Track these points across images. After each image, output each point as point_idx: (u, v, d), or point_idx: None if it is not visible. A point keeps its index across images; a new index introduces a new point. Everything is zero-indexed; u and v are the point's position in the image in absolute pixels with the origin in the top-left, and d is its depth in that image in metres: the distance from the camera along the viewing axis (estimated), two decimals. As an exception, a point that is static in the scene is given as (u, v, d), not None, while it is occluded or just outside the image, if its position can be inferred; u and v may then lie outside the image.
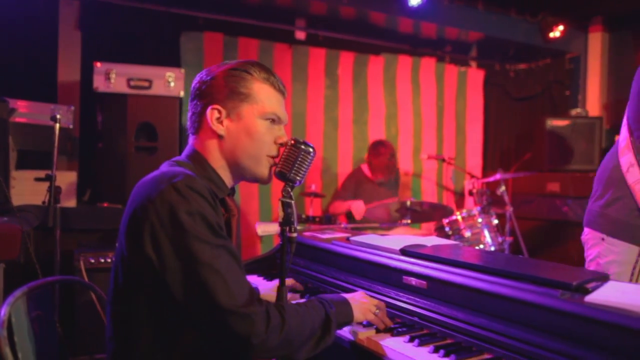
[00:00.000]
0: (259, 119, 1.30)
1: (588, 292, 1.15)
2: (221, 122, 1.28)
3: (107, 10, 3.77)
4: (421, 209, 3.38)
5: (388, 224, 3.37)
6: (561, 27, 4.87)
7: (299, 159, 1.29)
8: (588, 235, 1.90)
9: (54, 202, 2.50)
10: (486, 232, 3.33)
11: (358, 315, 1.35)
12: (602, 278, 1.25)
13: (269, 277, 2.01)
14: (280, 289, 1.30)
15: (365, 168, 4.16)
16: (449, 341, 1.31)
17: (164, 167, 1.27)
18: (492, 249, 3.30)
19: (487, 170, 5.56)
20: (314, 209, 4.00)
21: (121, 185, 3.22)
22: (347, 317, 1.32)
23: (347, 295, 1.39)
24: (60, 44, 3.66)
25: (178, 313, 1.15)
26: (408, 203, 3.21)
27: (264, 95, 1.30)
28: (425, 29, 5.04)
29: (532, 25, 4.95)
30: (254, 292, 1.17)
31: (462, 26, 4.75)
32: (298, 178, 1.30)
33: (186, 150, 1.34)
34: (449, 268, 1.44)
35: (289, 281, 1.83)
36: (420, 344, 1.28)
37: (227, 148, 1.30)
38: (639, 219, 1.74)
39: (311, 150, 1.31)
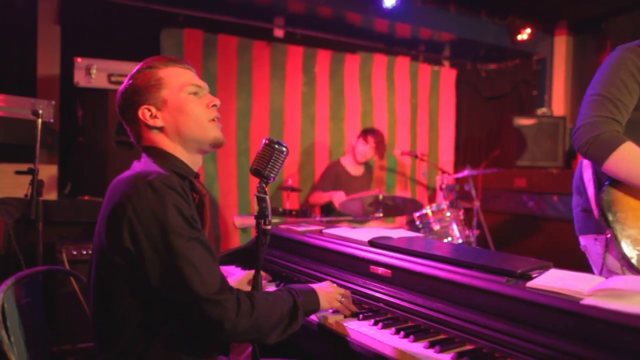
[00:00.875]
0: (180, 94, 1.40)
1: (530, 278, 1.31)
2: (155, 117, 1.38)
3: (87, 6, 3.81)
4: (393, 203, 3.54)
5: (362, 217, 3.51)
6: (528, 30, 5.08)
7: (273, 158, 1.40)
8: (584, 242, 1.93)
9: (37, 195, 2.56)
10: (454, 226, 3.51)
11: (324, 303, 1.47)
12: (545, 267, 1.41)
13: (246, 267, 2.13)
14: (256, 277, 1.42)
15: (344, 161, 4.30)
16: (410, 324, 1.46)
17: (138, 167, 1.36)
18: (460, 241, 3.48)
19: (459, 166, 5.75)
20: (291, 202, 4.13)
21: (102, 179, 3.29)
22: (313, 305, 1.44)
23: (314, 285, 1.51)
24: (40, 38, 3.69)
25: (157, 300, 1.25)
26: (380, 197, 3.37)
27: (173, 76, 1.41)
28: (400, 29, 5.19)
29: (501, 28, 5.15)
30: (225, 280, 1.28)
31: (434, 27, 4.92)
32: (272, 175, 1.41)
33: (144, 153, 1.42)
34: (411, 258, 1.59)
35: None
36: (384, 327, 1.42)
37: (173, 133, 1.40)
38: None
39: (284, 149, 1.42)
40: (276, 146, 1.41)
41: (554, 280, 1.27)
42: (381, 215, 3.34)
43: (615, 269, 1.78)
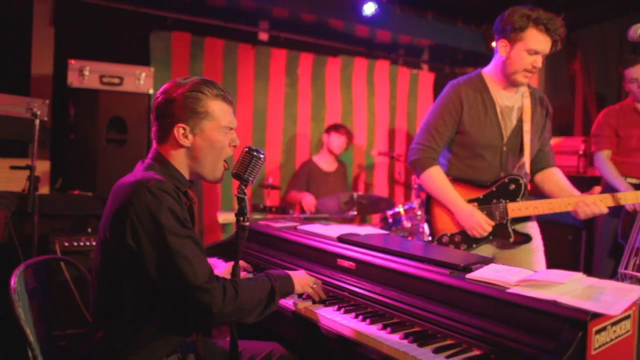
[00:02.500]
0: (217, 131, 1.59)
1: (471, 271, 1.53)
2: (186, 137, 1.57)
3: (80, 9, 3.95)
4: (367, 201, 3.76)
5: (338, 215, 3.73)
6: (503, 38, 5.32)
7: (252, 163, 1.61)
8: None
9: (34, 190, 2.73)
10: (424, 224, 3.73)
11: (298, 288, 1.69)
12: (486, 261, 1.64)
13: (227, 259, 2.33)
14: (235, 268, 1.63)
15: (316, 159, 4.51)
16: (369, 310, 1.67)
17: (139, 173, 1.54)
18: (429, 238, 3.70)
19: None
20: (271, 199, 4.33)
21: (92, 174, 3.45)
22: (288, 289, 1.66)
23: (290, 272, 1.73)
24: (35, 39, 3.83)
25: (153, 289, 1.46)
26: (355, 196, 3.58)
27: (219, 111, 1.58)
28: (380, 34, 5.39)
29: (476, 35, 5.39)
30: (212, 271, 1.49)
31: (413, 34, 5.13)
32: (250, 178, 1.62)
33: (151, 154, 1.62)
34: (373, 253, 1.81)
35: (241, 263, 2.15)
36: (345, 312, 1.64)
37: (192, 156, 1.60)
38: None
39: (262, 156, 1.63)
40: (255, 153, 1.62)
41: (490, 272, 1.50)
42: (355, 212, 3.56)
43: None
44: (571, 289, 1.34)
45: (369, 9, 4.35)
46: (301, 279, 1.72)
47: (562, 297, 1.26)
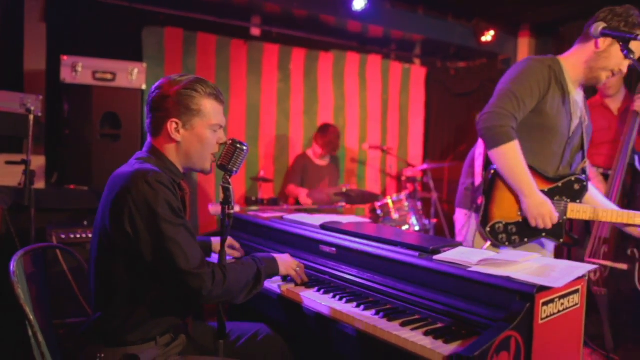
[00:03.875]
0: (207, 129, 1.69)
1: (438, 253, 1.64)
2: (178, 132, 1.67)
3: (72, 4, 4.03)
4: (355, 194, 3.86)
5: (329, 206, 3.83)
6: (492, 32, 5.40)
7: (235, 155, 1.71)
8: (458, 214, 2.42)
9: (30, 184, 2.83)
10: (412, 215, 3.85)
11: (282, 269, 1.80)
12: (455, 245, 1.74)
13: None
14: (221, 252, 1.73)
15: (309, 153, 4.61)
16: (347, 291, 1.78)
17: (136, 164, 1.63)
18: (417, 229, 3.82)
19: (427, 159, 6.10)
20: (264, 191, 4.43)
21: (87, 169, 3.53)
22: (273, 271, 1.78)
23: (275, 255, 1.84)
24: (27, 35, 3.90)
25: (148, 272, 1.56)
26: (344, 189, 3.68)
27: (210, 109, 1.69)
28: (372, 29, 5.46)
29: (467, 29, 5.46)
30: (204, 257, 1.59)
31: (404, 29, 5.20)
32: (234, 169, 1.72)
33: (146, 147, 1.73)
34: (351, 238, 1.91)
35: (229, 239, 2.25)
36: (325, 293, 1.75)
37: (182, 150, 1.70)
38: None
39: (245, 148, 1.73)
40: (238, 145, 1.72)
41: (456, 254, 1.60)
42: (344, 204, 3.67)
43: (470, 238, 2.27)
44: (526, 267, 1.45)
45: (359, 4, 4.42)
46: (285, 261, 1.83)
47: (515, 274, 1.36)
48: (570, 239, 2.27)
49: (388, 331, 1.38)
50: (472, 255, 1.57)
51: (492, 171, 2.20)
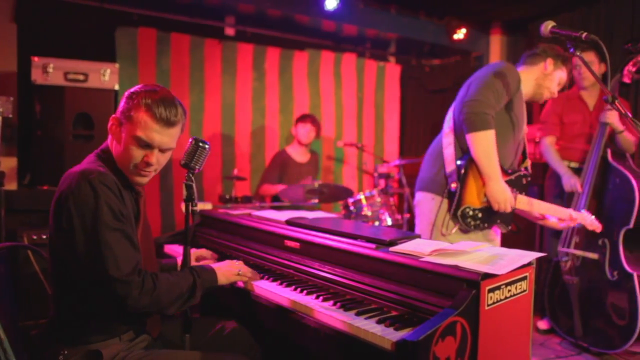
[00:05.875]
0: (132, 138, 1.62)
1: (395, 244, 1.69)
2: (114, 131, 1.67)
3: (43, 5, 4.01)
4: (328, 190, 3.91)
5: (303, 203, 3.87)
6: (464, 30, 5.50)
7: (197, 153, 1.75)
8: (420, 197, 2.63)
9: (0, 185, 2.82)
10: (384, 210, 3.92)
11: (222, 279, 1.80)
12: (413, 237, 1.81)
13: (191, 246, 2.46)
14: (185, 251, 1.76)
15: (289, 150, 4.64)
16: (309, 283, 1.83)
17: (83, 165, 1.64)
18: (389, 224, 3.89)
19: (404, 155, 6.18)
20: (240, 190, 4.45)
21: (60, 170, 3.46)
22: (212, 282, 1.77)
23: (214, 265, 1.84)
24: (-4, 36, 3.88)
25: (82, 278, 1.54)
26: (316, 185, 3.73)
27: (142, 122, 1.60)
28: (346, 28, 5.53)
29: (439, 27, 5.55)
30: (138, 265, 1.57)
31: (377, 27, 5.27)
32: (197, 167, 1.76)
33: (103, 145, 1.74)
34: (314, 233, 1.96)
35: (205, 251, 2.27)
36: (287, 286, 1.80)
37: (115, 151, 1.68)
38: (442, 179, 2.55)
39: (207, 146, 1.77)
40: (200, 144, 1.76)
41: (412, 246, 1.66)
42: (317, 201, 3.71)
43: (439, 222, 2.49)
44: (476, 256, 1.51)
45: (331, 3, 4.47)
46: (226, 271, 1.83)
47: (464, 263, 1.42)
48: (516, 227, 2.59)
49: (342, 320, 1.44)
50: (426, 246, 1.63)
51: (469, 157, 2.43)
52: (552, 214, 2.67)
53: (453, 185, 2.44)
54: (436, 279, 1.44)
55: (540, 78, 2.65)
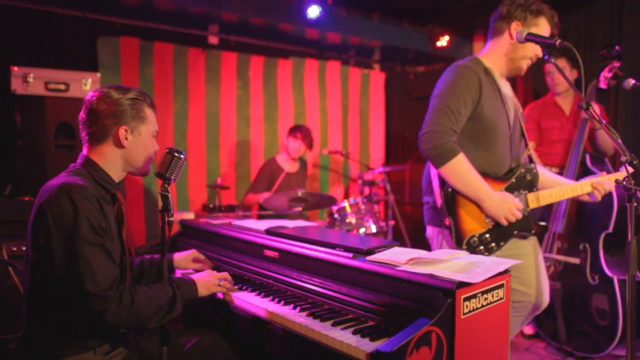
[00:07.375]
0: (150, 136, 1.77)
1: (372, 253, 1.69)
2: (126, 139, 1.71)
3: (24, 15, 3.98)
4: (312, 198, 3.90)
5: (286, 212, 3.86)
6: (447, 37, 5.55)
7: (173, 163, 1.74)
8: (430, 231, 2.44)
9: (-22, 196, 2.79)
10: (369, 218, 3.92)
11: (202, 290, 1.80)
12: (390, 246, 1.81)
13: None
14: (161, 262, 1.74)
15: (279, 159, 4.62)
16: (287, 293, 1.82)
17: (63, 178, 1.64)
18: (374, 231, 3.89)
19: (389, 162, 6.20)
20: (225, 199, 4.43)
21: (42, 180, 3.37)
22: (192, 294, 1.77)
23: (194, 276, 1.84)
24: (-25, 46, 3.84)
25: (58, 292, 1.53)
26: (299, 194, 3.72)
27: (152, 120, 1.78)
28: (330, 36, 5.56)
29: (423, 35, 5.59)
30: (115, 280, 1.56)
31: (360, 35, 5.29)
32: (172, 177, 1.75)
33: (80, 159, 1.73)
34: (294, 242, 1.96)
35: (196, 253, 2.23)
36: (265, 296, 1.79)
37: (126, 154, 1.73)
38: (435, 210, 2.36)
39: (182, 156, 1.76)
40: (175, 154, 1.75)
41: (389, 255, 1.66)
42: (301, 209, 3.71)
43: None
44: (452, 264, 1.51)
45: (313, 12, 4.49)
46: (205, 281, 1.82)
47: (439, 271, 1.43)
48: (540, 228, 2.34)
49: (319, 331, 1.43)
50: (403, 254, 1.63)
51: (449, 190, 2.20)
52: (570, 196, 2.38)
53: (447, 222, 2.22)
54: (412, 288, 1.44)
55: (510, 51, 2.29)
